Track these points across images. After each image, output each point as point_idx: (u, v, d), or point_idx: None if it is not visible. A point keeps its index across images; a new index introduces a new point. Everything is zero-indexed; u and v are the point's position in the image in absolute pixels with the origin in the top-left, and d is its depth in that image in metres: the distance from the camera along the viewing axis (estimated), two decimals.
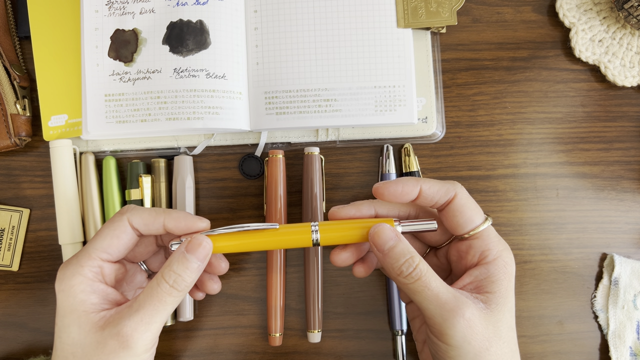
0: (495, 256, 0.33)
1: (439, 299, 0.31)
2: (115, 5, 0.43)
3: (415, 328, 0.38)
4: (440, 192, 0.34)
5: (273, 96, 0.43)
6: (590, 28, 0.45)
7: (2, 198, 0.44)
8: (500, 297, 0.32)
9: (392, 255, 0.32)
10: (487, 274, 0.32)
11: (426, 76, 0.44)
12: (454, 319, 0.30)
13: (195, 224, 0.34)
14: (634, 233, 0.45)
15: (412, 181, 0.34)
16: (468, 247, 0.34)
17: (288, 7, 0.44)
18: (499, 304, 0.32)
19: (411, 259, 0.32)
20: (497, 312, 0.32)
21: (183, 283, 0.32)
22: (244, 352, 0.44)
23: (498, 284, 0.32)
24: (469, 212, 0.34)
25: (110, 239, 0.33)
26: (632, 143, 0.46)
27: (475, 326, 0.30)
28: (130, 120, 0.42)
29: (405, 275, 0.31)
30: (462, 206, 0.34)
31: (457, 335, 0.30)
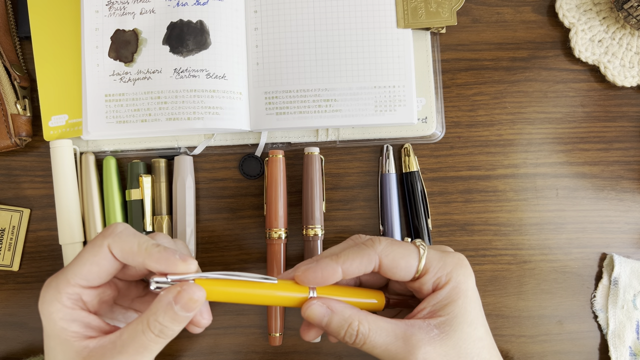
0: (446, 280, 0.33)
1: (390, 351, 0.31)
2: (115, 6, 0.43)
3: None
4: (362, 265, 0.33)
5: (273, 96, 0.43)
6: (590, 28, 0.45)
7: (3, 198, 0.44)
8: (455, 318, 0.32)
9: (331, 329, 0.32)
10: (439, 299, 0.33)
11: (426, 76, 0.44)
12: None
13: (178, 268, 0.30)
14: (633, 233, 0.45)
15: (330, 265, 0.32)
16: (419, 284, 0.33)
17: (288, 7, 0.44)
18: (454, 324, 0.32)
19: (350, 327, 0.32)
20: (455, 332, 0.32)
21: (170, 332, 0.30)
22: (244, 352, 0.44)
23: (452, 305, 0.32)
24: (402, 263, 0.33)
25: (90, 266, 0.31)
26: (631, 143, 0.46)
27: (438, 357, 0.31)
28: (131, 121, 0.42)
29: (351, 343, 0.32)
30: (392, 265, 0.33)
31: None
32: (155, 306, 0.30)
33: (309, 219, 0.43)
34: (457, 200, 0.45)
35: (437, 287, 0.33)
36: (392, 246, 0.33)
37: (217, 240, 0.45)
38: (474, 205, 0.45)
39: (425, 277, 0.33)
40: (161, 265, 0.30)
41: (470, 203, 0.45)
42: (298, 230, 0.45)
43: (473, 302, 0.33)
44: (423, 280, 0.33)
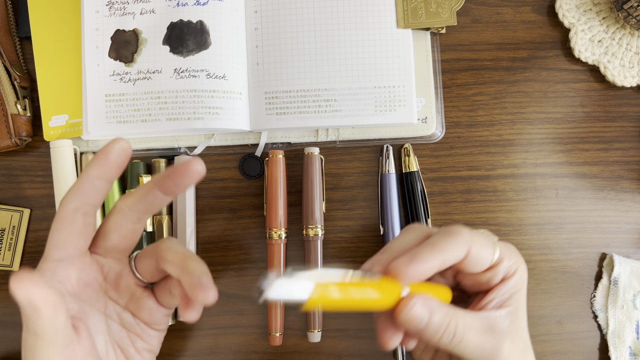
0: (515, 269, 0.32)
1: (481, 347, 0.30)
2: (115, 6, 0.43)
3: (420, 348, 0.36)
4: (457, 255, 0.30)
5: (273, 96, 0.43)
6: (589, 28, 0.45)
7: (3, 198, 0.44)
8: (520, 307, 0.32)
9: (429, 331, 0.29)
10: (508, 288, 0.32)
11: (426, 76, 0.44)
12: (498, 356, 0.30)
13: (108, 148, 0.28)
14: (633, 233, 0.45)
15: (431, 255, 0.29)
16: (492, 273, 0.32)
17: (288, 8, 0.44)
18: (519, 313, 0.32)
19: (449, 326, 0.30)
20: (520, 321, 0.32)
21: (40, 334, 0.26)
22: (244, 352, 0.44)
23: (517, 294, 0.32)
24: (485, 253, 0.31)
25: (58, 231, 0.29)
26: (631, 143, 0.46)
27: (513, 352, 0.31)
28: (131, 121, 0.42)
29: (447, 342, 0.30)
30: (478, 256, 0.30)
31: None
32: None
33: (309, 219, 0.43)
34: (457, 200, 0.45)
35: (506, 277, 0.32)
36: (475, 235, 0.31)
37: (217, 240, 0.45)
38: (474, 205, 0.45)
39: (500, 266, 0.31)
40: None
41: (470, 203, 0.45)
42: (298, 230, 0.45)
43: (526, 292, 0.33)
44: (497, 269, 0.31)
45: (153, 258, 0.31)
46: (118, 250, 0.32)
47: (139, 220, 0.31)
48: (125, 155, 0.29)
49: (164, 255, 0.31)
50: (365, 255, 0.45)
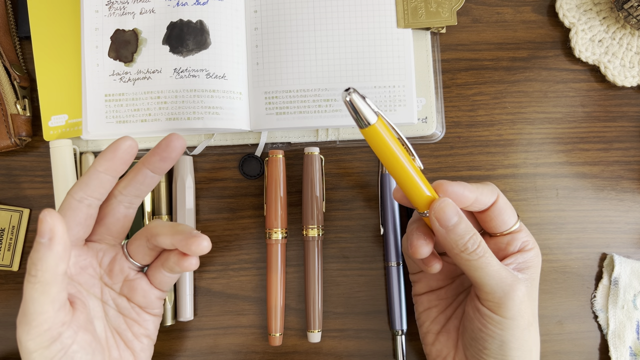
0: (532, 246, 0.36)
1: (500, 274, 0.33)
2: (115, 6, 0.43)
3: (431, 318, 0.39)
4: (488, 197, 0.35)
5: (273, 96, 0.43)
6: (590, 28, 0.45)
7: (2, 198, 0.44)
8: (534, 280, 0.35)
9: (457, 232, 0.33)
10: (526, 259, 0.35)
11: (426, 76, 0.44)
12: (514, 293, 0.33)
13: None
14: (633, 233, 0.45)
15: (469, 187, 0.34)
16: (510, 239, 0.36)
17: (288, 7, 0.44)
18: (534, 283, 0.35)
19: (475, 236, 0.33)
20: (535, 291, 0.35)
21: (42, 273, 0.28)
22: (244, 352, 0.44)
23: (533, 269, 0.35)
24: (509, 211, 0.36)
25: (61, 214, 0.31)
26: (631, 143, 0.46)
27: (526, 302, 0.33)
28: (131, 120, 0.42)
29: (470, 252, 0.33)
30: (502, 208, 0.35)
31: (515, 308, 0.33)
32: None
33: (309, 219, 0.43)
34: None
35: (523, 249, 0.35)
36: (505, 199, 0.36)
37: (217, 240, 0.45)
38: None
39: (519, 234, 0.36)
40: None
41: None
42: (298, 230, 0.45)
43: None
44: (516, 236, 0.36)
45: (143, 238, 0.33)
46: (111, 236, 0.34)
47: (131, 204, 0.34)
48: (132, 152, 0.32)
49: (154, 231, 0.32)
50: (365, 255, 0.45)
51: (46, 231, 0.27)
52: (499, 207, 0.35)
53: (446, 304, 0.39)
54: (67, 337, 0.29)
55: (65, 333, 0.29)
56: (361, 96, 0.31)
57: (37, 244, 0.27)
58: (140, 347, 0.35)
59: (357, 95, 0.31)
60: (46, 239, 0.27)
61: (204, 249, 0.31)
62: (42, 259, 0.27)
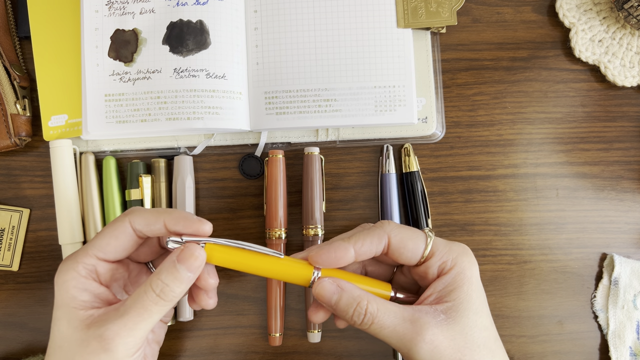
0: (451, 265, 0.33)
1: (397, 332, 0.32)
2: (115, 6, 0.43)
3: None
4: (373, 245, 0.34)
5: (273, 96, 0.43)
6: (590, 28, 0.45)
7: (2, 198, 0.44)
8: (461, 304, 0.32)
9: (340, 308, 0.33)
10: (445, 284, 0.33)
11: (426, 76, 0.44)
12: (417, 346, 0.31)
13: (195, 226, 0.33)
14: (634, 233, 0.45)
15: (342, 246, 0.33)
16: (425, 268, 0.34)
17: (288, 7, 0.44)
18: (460, 310, 0.32)
19: (359, 306, 0.32)
20: (461, 318, 0.32)
21: (171, 293, 0.31)
22: (244, 352, 0.44)
23: (457, 291, 0.33)
24: (410, 244, 0.34)
25: (109, 239, 0.33)
26: (632, 143, 0.46)
27: (439, 344, 0.31)
28: (130, 120, 0.42)
29: (359, 323, 0.32)
30: (400, 245, 0.34)
31: (426, 357, 0.31)
32: (160, 267, 0.32)
33: (309, 219, 0.43)
34: (457, 200, 0.45)
35: (442, 272, 0.34)
36: (400, 228, 0.34)
37: None
38: (474, 205, 0.45)
39: (431, 260, 0.34)
40: (180, 223, 0.32)
41: (470, 203, 0.45)
42: (298, 230, 0.44)
43: (478, 290, 0.33)
44: (429, 263, 0.34)
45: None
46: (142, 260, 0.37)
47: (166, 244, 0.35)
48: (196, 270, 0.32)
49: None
50: None
51: (196, 268, 0.32)
52: (395, 248, 0.34)
53: None
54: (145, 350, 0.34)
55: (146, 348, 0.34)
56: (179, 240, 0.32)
57: (179, 273, 0.31)
58: (151, 354, 0.36)
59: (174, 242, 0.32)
60: (192, 275, 0.32)
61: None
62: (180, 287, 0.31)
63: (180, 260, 0.31)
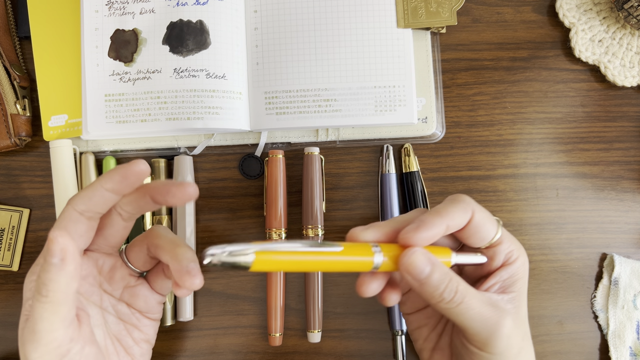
0: (517, 256, 0.33)
1: (483, 316, 0.31)
2: (115, 6, 0.43)
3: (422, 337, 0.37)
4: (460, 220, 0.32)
5: (273, 96, 0.43)
6: (590, 28, 0.45)
7: (2, 198, 0.44)
8: (522, 295, 0.33)
9: (431, 282, 0.30)
10: (510, 274, 0.33)
11: (426, 76, 0.44)
12: (499, 331, 0.31)
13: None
14: (634, 233, 0.45)
15: (437, 222, 0.31)
16: (492, 254, 0.33)
17: (288, 7, 0.44)
18: (521, 301, 0.33)
19: (450, 283, 0.31)
20: (522, 309, 0.33)
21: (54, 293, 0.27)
22: (244, 352, 0.44)
23: (520, 282, 0.33)
24: (488, 225, 0.32)
25: None
26: (632, 143, 0.46)
27: (513, 332, 0.31)
28: (130, 120, 0.42)
29: (448, 301, 0.31)
30: (480, 223, 0.32)
31: (502, 344, 0.31)
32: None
33: (309, 219, 0.43)
34: None
35: (507, 262, 0.33)
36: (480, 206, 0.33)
37: (217, 241, 0.45)
38: None
39: (500, 247, 0.33)
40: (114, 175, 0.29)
41: None
42: (298, 230, 0.45)
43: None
44: (497, 250, 0.33)
45: (144, 246, 0.33)
46: (109, 245, 0.33)
47: (130, 218, 0.32)
48: (143, 177, 0.30)
49: (154, 242, 0.32)
50: None
51: (57, 251, 0.27)
52: (476, 225, 0.32)
53: (436, 321, 0.37)
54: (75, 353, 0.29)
55: (74, 349, 0.29)
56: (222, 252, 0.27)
57: (48, 265, 0.27)
58: (140, 353, 0.34)
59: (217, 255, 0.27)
60: (57, 260, 0.27)
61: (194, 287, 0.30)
62: (54, 280, 0.27)
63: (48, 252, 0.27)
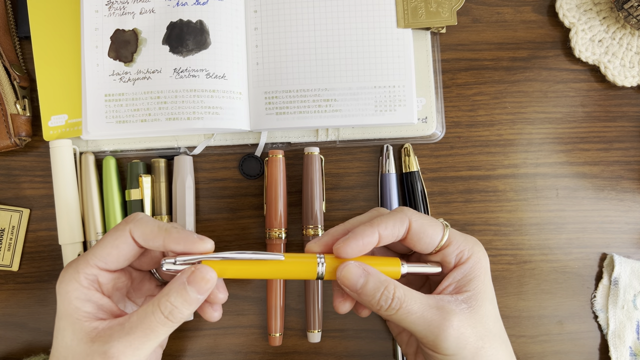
0: (468, 255, 0.34)
1: (425, 318, 0.31)
2: (115, 6, 0.43)
3: (404, 342, 0.38)
4: (395, 229, 0.33)
5: (273, 96, 0.43)
6: (590, 28, 0.45)
7: (2, 198, 0.44)
8: (480, 293, 0.33)
9: (366, 292, 0.32)
10: (464, 274, 0.33)
11: (426, 76, 0.44)
12: (445, 332, 0.31)
13: (196, 247, 0.32)
14: (633, 233, 0.45)
15: (368, 231, 0.32)
16: (442, 257, 0.34)
17: (288, 7, 0.44)
18: (479, 300, 0.32)
19: (386, 290, 0.32)
20: (480, 308, 0.32)
21: (179, 315, 0.31)
22: (244, 352, 0.44)
23: (475, 280, 0.33)
24: (429, 230, 0.33)
25: (110, 249, 0.32)
26: (632, 143, 0.46)
27: (465, 331, 0.31)
28: (130, 120, 0.42)
29: (386, 308, 0.32)
30: (420, 230, 0.33)
31: (452, 345, 0.31)
32: (169, 287, 0.31)
33: (309, 219, 0.43)
34: (457, 200, 0.45)
35: (459, 262, 0.33)
36: (419, 214, 0.34)
37: (217, 241, 0.45)
38: (474, 205, 0.45)
39: (449, 248, 0.33)
40: (180, 244, 0.32)
41: (470, 203, 0.45)
42: (298, 230, 0.44)
43: (490, 281, 0.34)
44: (446, 252, 0.33)
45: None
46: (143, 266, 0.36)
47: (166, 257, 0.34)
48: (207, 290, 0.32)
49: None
50: None
51: (206, 291, 0.31)
52: (416, 232, 0.33)
53: None
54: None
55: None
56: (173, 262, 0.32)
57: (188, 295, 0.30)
58: (155, 357, 0.36)
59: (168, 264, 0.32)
60: (202, 297, 0.31)
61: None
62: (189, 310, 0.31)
63: (191, 283, 0.31)
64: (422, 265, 0.35)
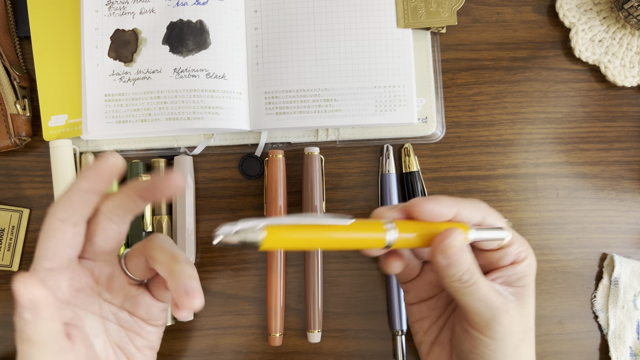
0: (525, 255, 0.34)
1: (489, 298, 0.32)
2: (115, 5, 0.43)
3: (423, 329, 0.37)
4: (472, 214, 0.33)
5: (273, 96, 0.43)
6: (590, 28, 0.45)
7: (2, 198, 0.44)
8: (528, 290, 0.34)
9: (458, 265, 0.31)
10: (517, 272, 0.34)
11: (426, 76, 0.44)
12: (501, 316, 0.32)
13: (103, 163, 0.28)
14: (634, 233, 0.45)
15: (449, 203, 0.32)
16: (502, 255, 0.34)
17: (288, 7, 0.44)
18: (527, 297, 0.33)
19: (472, 267, 0.32)
20: (526, 304, 0.33)
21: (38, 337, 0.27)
22: (244, 352, 0.44)
23: (527, 278, 0.34)
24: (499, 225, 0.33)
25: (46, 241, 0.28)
26: (632, 143, 0.46)
27: (515, 320, 0.32)
28: (130, 120, 0.42)
29: (464, 280, 0.32)
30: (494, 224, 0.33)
31: (502, 330, 0.32)
32: None
33: None
34: None
35: (516, 261, 0.34)
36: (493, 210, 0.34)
37: None
38: None
39: (510, 248, 0.34)
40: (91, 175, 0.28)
41: None
42: None
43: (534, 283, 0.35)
44: (507, 251, 0.34)
45: (142, 257, 0.31)
46: (105, 252, 0.31)
47: (122, 221, 0.30)
48: (117, 170, 0.29)
49: (152, 254, 0.30)
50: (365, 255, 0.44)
51: (27, 305, 0.26)
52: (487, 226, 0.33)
53: (437, 315, 0.37)
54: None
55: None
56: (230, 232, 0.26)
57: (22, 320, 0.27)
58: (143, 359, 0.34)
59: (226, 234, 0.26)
60: (30, 315, 0.26)
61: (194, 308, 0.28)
62: (33, 329, 0.27)
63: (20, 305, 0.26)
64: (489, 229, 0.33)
